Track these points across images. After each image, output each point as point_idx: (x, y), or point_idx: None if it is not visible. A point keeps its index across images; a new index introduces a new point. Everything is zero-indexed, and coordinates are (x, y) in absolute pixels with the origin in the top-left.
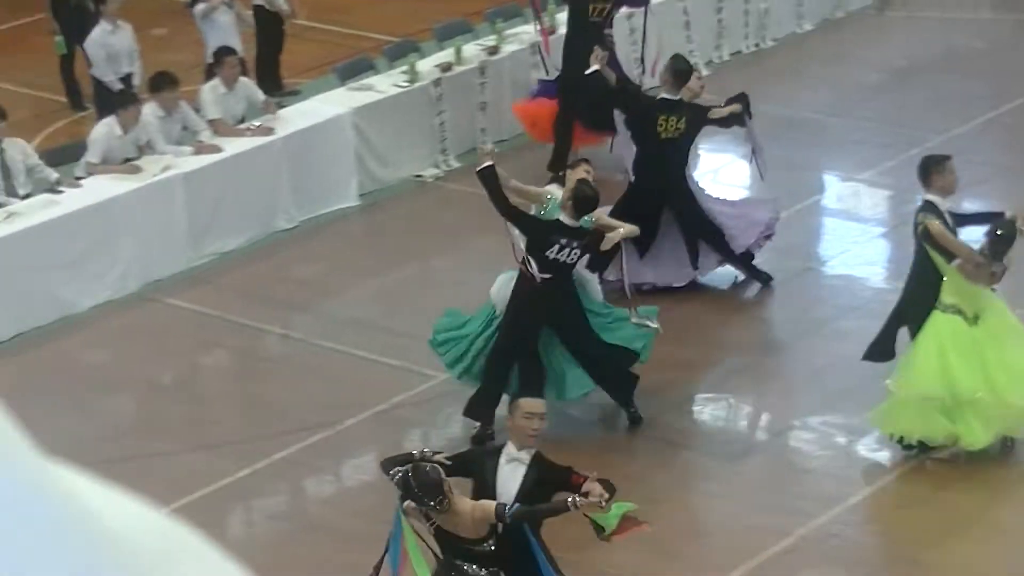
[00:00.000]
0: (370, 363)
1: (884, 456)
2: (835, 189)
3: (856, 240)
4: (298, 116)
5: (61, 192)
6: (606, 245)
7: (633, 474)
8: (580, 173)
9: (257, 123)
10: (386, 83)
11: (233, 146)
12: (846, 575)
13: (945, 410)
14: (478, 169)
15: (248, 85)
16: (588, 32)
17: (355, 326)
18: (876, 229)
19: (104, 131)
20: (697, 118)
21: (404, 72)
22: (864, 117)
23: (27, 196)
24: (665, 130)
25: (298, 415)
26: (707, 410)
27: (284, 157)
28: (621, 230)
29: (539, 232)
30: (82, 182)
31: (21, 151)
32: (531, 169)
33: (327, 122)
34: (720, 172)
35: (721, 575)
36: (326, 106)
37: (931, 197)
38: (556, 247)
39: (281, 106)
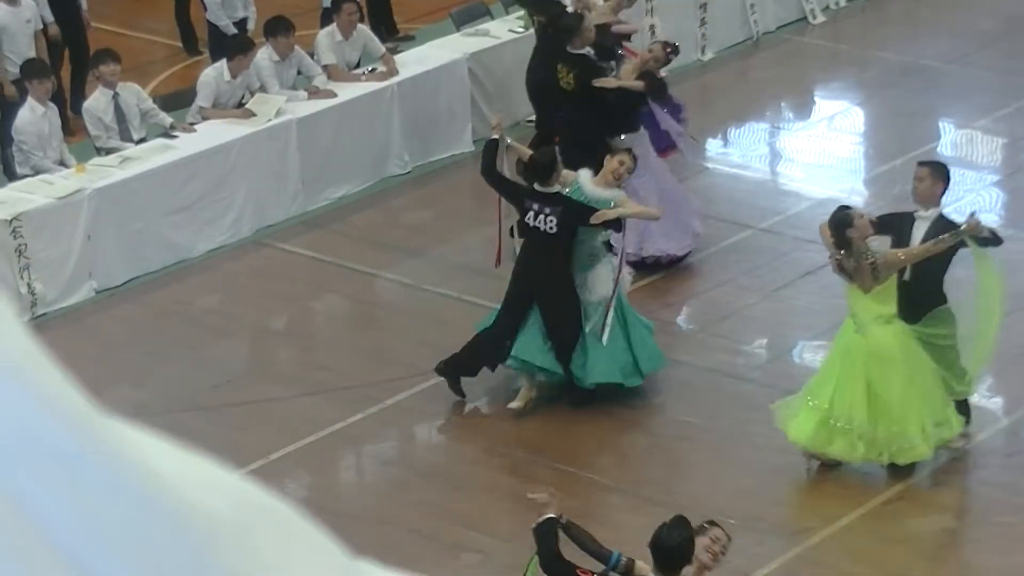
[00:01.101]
0: (481, 308)
1: (996, 404)
2: (950, 137)
3: (971, 188)
4: (413, 62)
5: (175, 137)
6: (596, 219)
7: (741, 417)
8: (614, 164)
9: (372, 68)
10: (502, 29)
11: (346, 91)
12: (953, 522)
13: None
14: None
15: (366, 33)
16: None
17: (466, 272)
18: (991, 177)
19: (213, 75)
20: (587, 74)
21: (520, 18)
22: (980, 64)
23: (141, 141)
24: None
25: (410, 360)
26: (817, 357)
27: (398, 103)
28: (623, 209)
29: (515, 196)
30: (196, 127)
31: (135, 95)
32: None
33: (442, 68)
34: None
35: (828, 523)
36: (441, 51)
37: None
38: (531, 213)
39: (396, 51)
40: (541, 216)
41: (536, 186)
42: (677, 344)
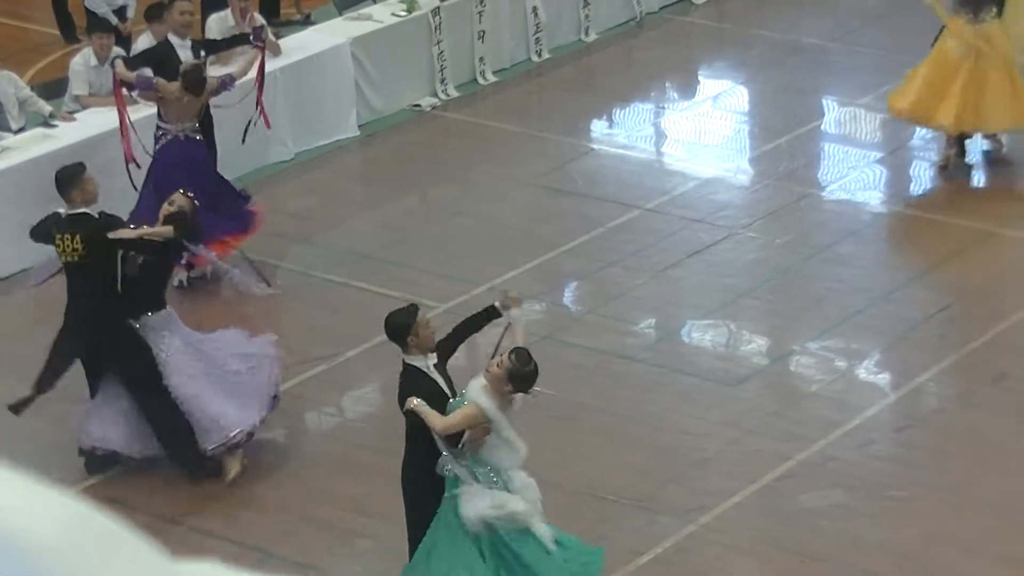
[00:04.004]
0: (370, 295)
1: (883, 380)
2: (834, 114)
3: (855, 165)
4: (296, 47)
5: (55, 126)
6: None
7: (633, 398)
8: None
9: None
10: (385, 13)
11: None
12: (845, 498)
13: None
14: None
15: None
16: None
17: (354, 258)
18: (874, 154)
19: (82, 63)
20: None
21: (402, 1)
22: (862, 43)
23: (21, 130)
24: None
25: (297, 347)
26: (707, 336)
27: (281, 88)
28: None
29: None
30: (76, 116)
31: (13, 84)
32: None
33: (325, 52)
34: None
35: (721, 500)
36: (324, 36)
37: None
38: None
39: (279, 36)
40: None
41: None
42: (567, 327)
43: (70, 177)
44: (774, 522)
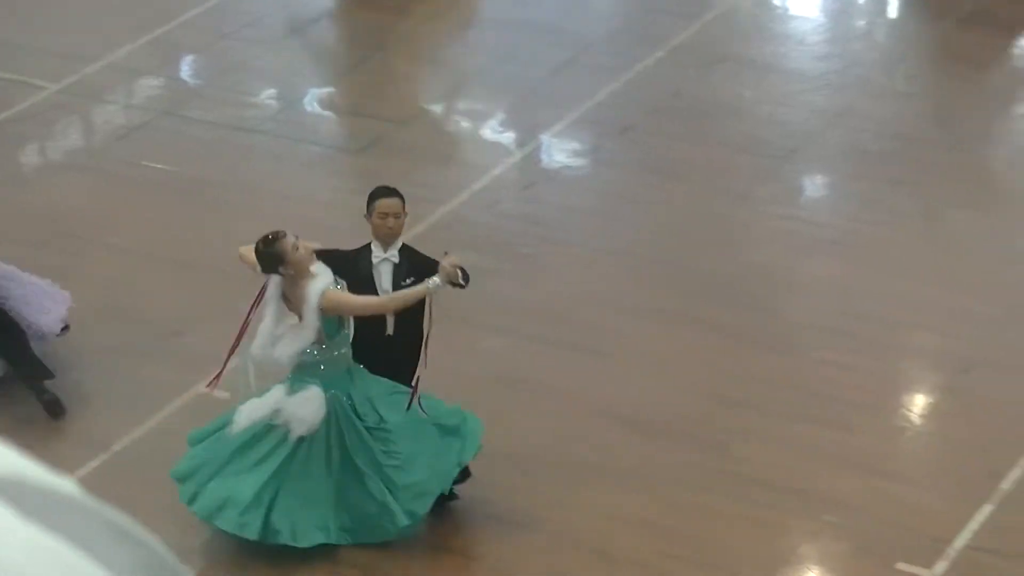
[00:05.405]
0: None
1: (508, 138)
2: None
3: None
4: None
5: None
6: None
7: (257, 170)
8: None
9: None
10: None
11: None
12: (477, 258)
13: None
14: None
15: None
16: None
17: None
18: None
19: None
20: None
21: None
22: None
23: None
24: None
25: None
26: (330, 104)
27: None
28: None
29: None
30: None
31: None
32: None
33: None
34: None
35: None
36: None
37: None
38: None
39: None
40: None
41: None
42: (186, 101)
43: None
44: None
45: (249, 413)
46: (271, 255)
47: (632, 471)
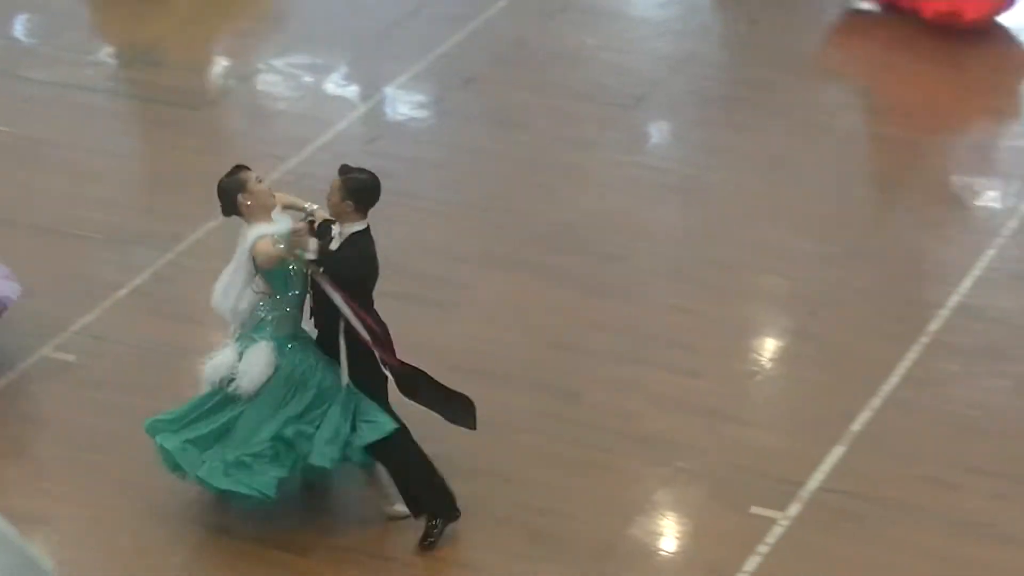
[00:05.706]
0: None
1: (352, 92)
2: None
3: None
4: None
5: None
6: None
7: (98, 129)
8: None
9: None
10: None
11: None
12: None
13: None
14: None
15: None
16: None
17: None
18: None
19: None
20: None
21: None
22: None
23: None
24: None
25: None
26: (171, 60)
27: None
28: None
29: None
30: None
31: None
32: None
33: None
34: None
35: (196, 226)
36: None
37: None
38: None
39: None
40: None
41: None
42: (20, 59)
43: None
44: None
45: (212, 370)
46: (231, 183)
47: (482, 422)
